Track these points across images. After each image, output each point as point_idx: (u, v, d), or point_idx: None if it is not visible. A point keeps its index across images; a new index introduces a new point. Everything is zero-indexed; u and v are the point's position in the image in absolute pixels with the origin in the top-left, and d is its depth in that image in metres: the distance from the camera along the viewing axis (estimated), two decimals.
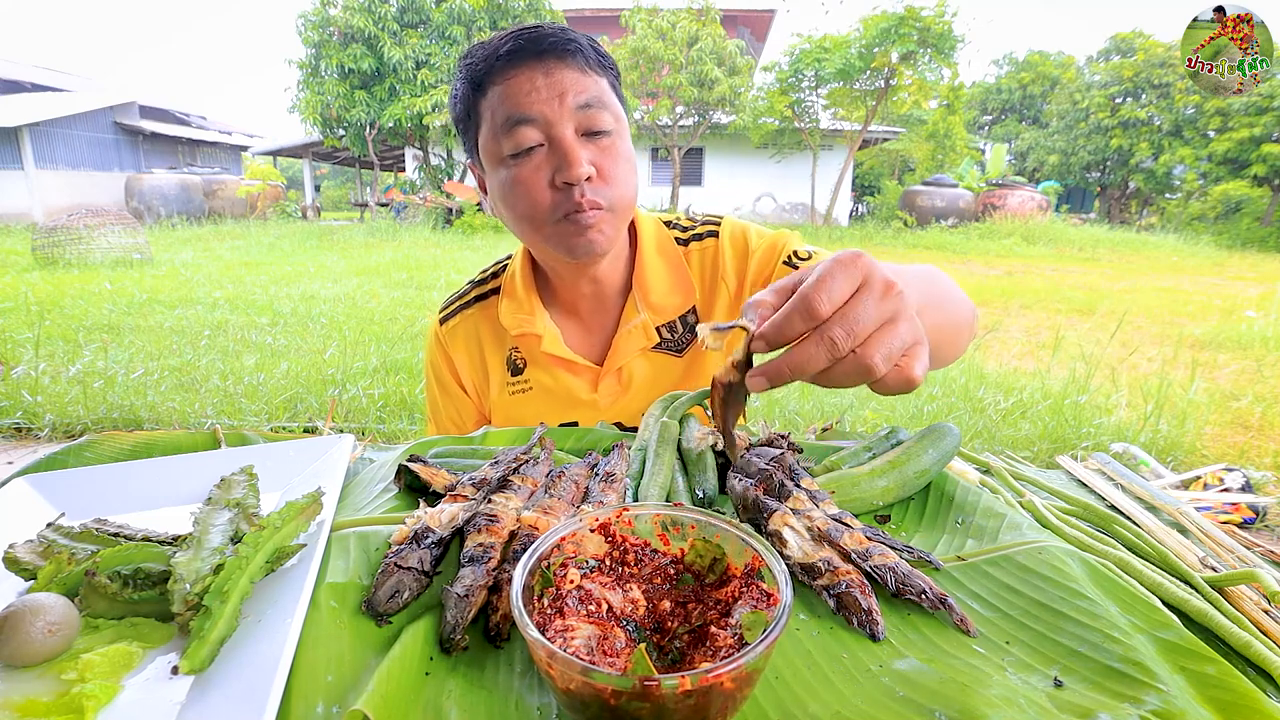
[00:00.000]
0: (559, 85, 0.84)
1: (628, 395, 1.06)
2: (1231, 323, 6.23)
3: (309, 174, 21.88)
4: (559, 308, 1.08)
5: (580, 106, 0.85)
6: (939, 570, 0.55)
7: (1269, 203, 17.87)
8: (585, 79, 0.86)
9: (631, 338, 1.04)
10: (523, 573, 0.41)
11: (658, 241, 1.08)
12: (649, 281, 1.05)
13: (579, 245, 0.89)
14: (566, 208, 0.86)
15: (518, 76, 0.84)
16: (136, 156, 19.64)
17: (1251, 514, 2.12)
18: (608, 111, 0.87)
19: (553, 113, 0.84)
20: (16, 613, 0.44)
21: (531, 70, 0.84)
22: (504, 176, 0.88)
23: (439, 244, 11.28)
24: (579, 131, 0.86)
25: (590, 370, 1.06)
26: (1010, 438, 3.25)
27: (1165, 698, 0.40)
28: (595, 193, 0.86)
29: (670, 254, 1.07)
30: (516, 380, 1.08)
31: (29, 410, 3.35)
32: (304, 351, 4.49)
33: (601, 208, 0.87)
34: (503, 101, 0.85)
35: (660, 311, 1.05)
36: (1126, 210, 24.20)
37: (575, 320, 1.08)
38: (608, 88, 0.90)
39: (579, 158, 0.84)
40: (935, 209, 16.27)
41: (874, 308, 0.45)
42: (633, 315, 1.04)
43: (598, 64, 0.89)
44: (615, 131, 0.89)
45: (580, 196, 0.85)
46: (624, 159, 0.90)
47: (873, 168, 21.61)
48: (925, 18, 13.95)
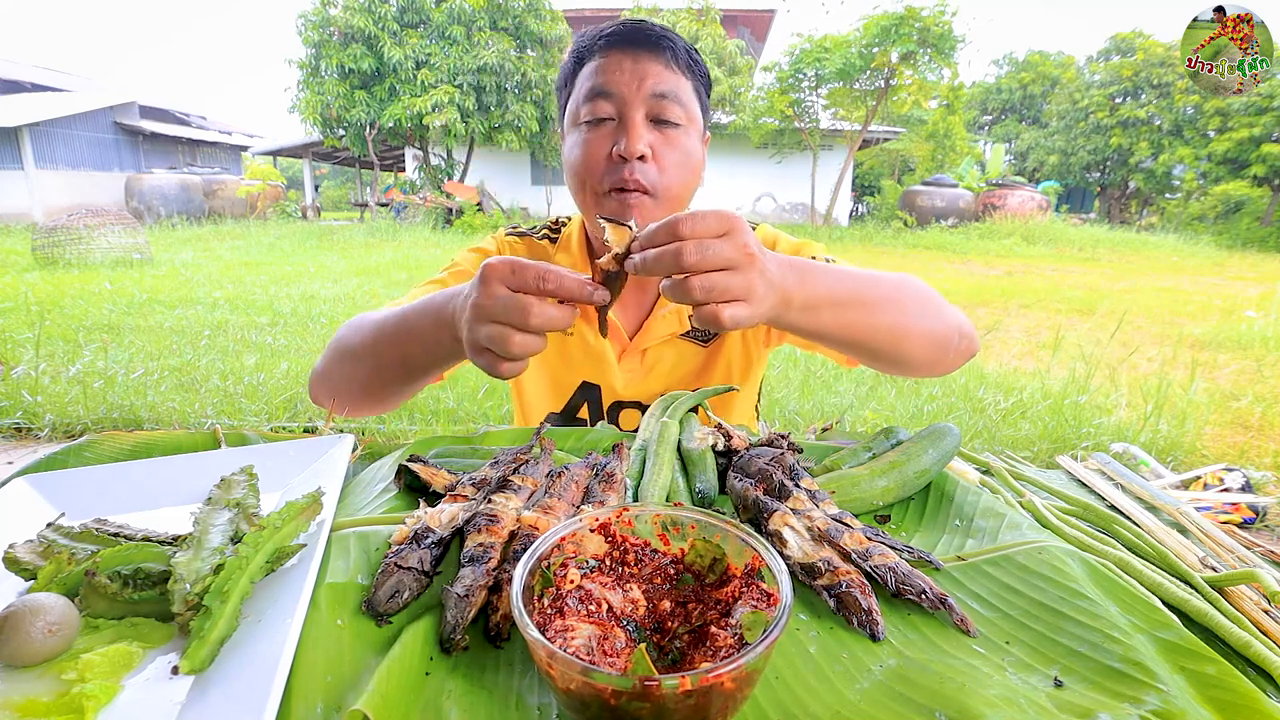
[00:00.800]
0: (642, 71, 0.92)
1: (648, 378, 1.09)
2: (1231, 323, 6.23)
3: (309, 174, 21.88)
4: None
5: (655, 94, 0.92)
6: (939, 570, 0.55)
7: (1269, 203, 17.87)
8: (667, 73, 0.93)
9: (665, 321, 1.08)
10: (523, 573, 0.41)
11: None
12: None
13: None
14: (614, 181, 0.91)
15: (610, 56, 0.93)
16: (136, 156, 19.63)
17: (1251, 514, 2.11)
18: (680, 107, 0.94)
19: (629, 93, 0.91)
20: (16, 613, 0.44)
21: (623, 54, 0.93)
22: (575, 139, 0.96)
23: (439, 244, 11.28)
24: (649, 116, 0.92)
25: (622, 341, 1.10)
26: (1010, 438, 3.25)
27: (1165, 698, 0.40)
28: (645, 174, 0.91)
29: None
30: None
31: (29, 410, 3.34)
32: (304, 351, 4.49)
33: (647, 192, 0.92)
34: (592, 75, 0.94)
35: None
36: (1126, 210, 24.20)
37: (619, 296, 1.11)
38: (689, 88, 0.96)
39: (639, 135, 0.90)
40: (935, 209, 16.27)
41: (724, 251, 0.56)
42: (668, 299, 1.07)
43: (686, 65, 0.96)
44: (683, 128, 0.95)
45: (629, 174, 0.90)
46: (683, 153, 0.95)
47: (873, 168, 21.60)
48: (925, 18, 13.95)
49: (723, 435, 0.74)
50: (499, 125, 15.14)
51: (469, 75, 14.44)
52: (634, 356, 1.09)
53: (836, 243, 13.57)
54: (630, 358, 1.09)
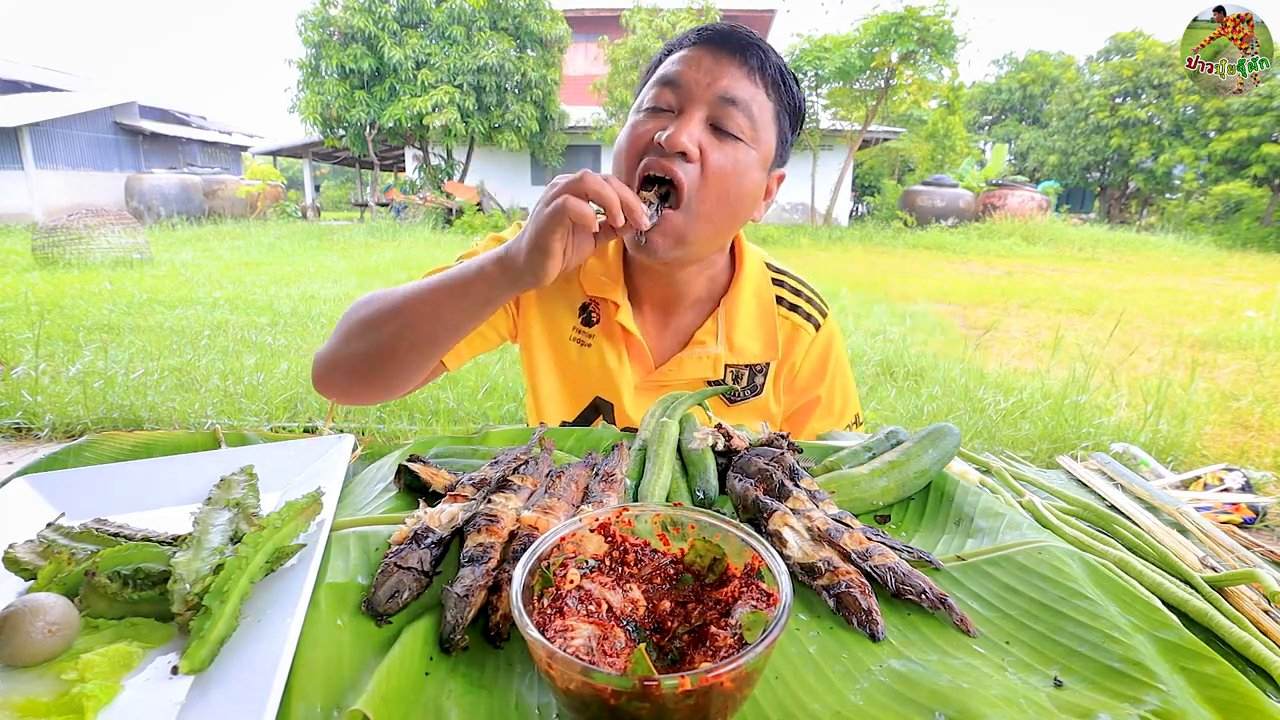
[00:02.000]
0: (717, 72, 0.84)
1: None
2: (1231, 323, 6.24)
3: (309, 174, 21.87)
4: (636, 295, 1.04)
5: (724, 97, 0.84)
6: (939, 570, 0.55)
7: (1269, 203, 17.87)
8: (745, 81, 0.85)
9: (699, 364, 1.01)
10: (523, 573, 0.41)
11: (757, 281, 1.05)
12: (738, 316, 1.02)
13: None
14: (647, 166, 0.84)
15: (694, 50, 0.87)
16: (136, 156, 19.62)
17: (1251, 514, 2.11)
18: (749, 120, 0.85)
19: (697, 89, 0.84)
20: (16, 613, 0.44)
21: (705, 52, 0.86)
22: (633, 120, 0.89)
23: (439, 244, 11.28)
24: (709, 119, 0.84)
25: (646, 364, 1.04)
26: (1010, 438, 3.25)
27: (1165, 698, 0.40)
28: (684, 170, 0.83)
29: (765, 300, 1.05)
30: (585, 331, 1.05)
31: (29, 410, 3.34)
32: (304, 351, 4.49)
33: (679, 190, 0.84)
34: (670, 64, 0.88)
35: (738, 352, 1.03)
36: (1126, 210, 24.20)
37: (647, 315, 1.05)
38: (768, 107, 0.87)
39: (686, 128, 0.81)
40: (935, 209, 16.28)
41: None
42: (709, 340, 1.02)
43: (769, 80, 0.87)
44: (745, 144, 0.85)
45: (666, 163, 0.83)
46: (737, 171, 0.85)
47: (873, 168, 21.59)
48: (925, 18, 13.95)
49: (723, 435, 0.74)
50: (499, 125, 15.15)
51: (469, 75, 14.45)
52: (654, 388, 1.03)
53: (836, 242, 13.59)
54: (650, 387, 1.03)
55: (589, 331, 1.05)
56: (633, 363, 1.04)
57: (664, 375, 1.03)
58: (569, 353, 1.05)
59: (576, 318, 1.05)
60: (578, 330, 1.05)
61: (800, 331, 1.06)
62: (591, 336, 1.04)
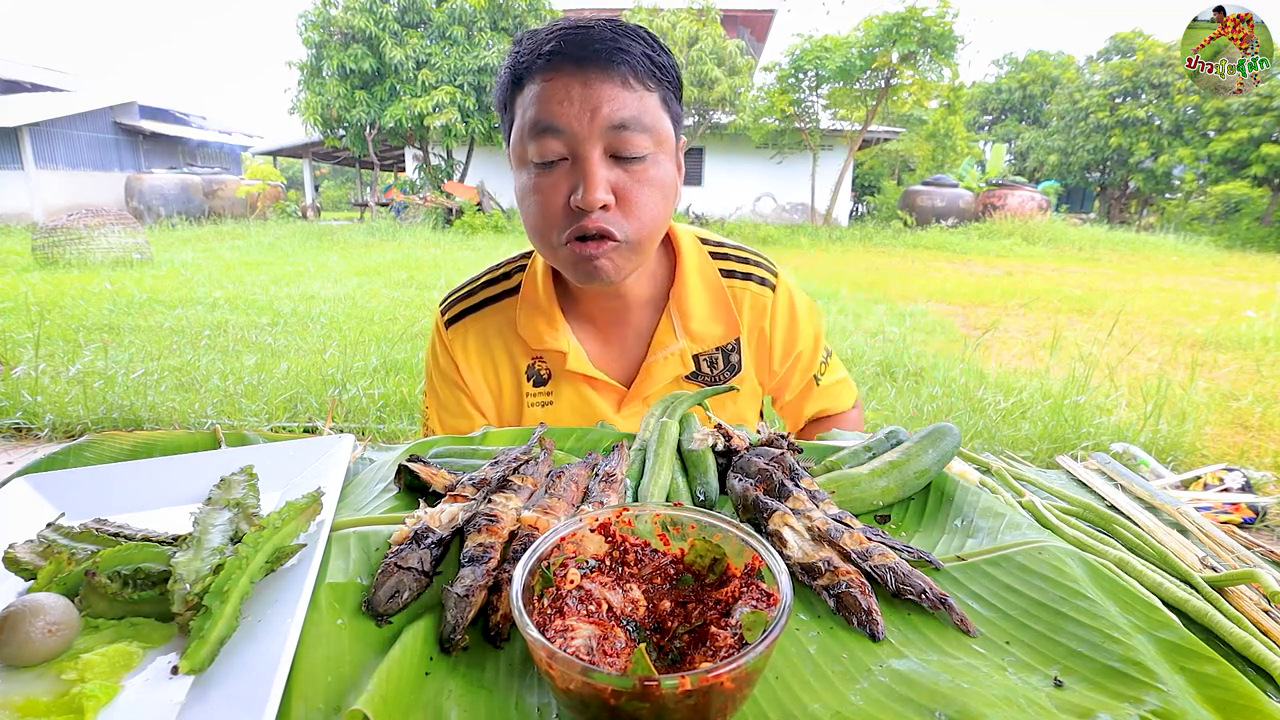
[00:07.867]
0: (594, 99, 0.77)
1: None
2: (1231, 323, 6.23)
3: (309, 174, 21.89)
4: (581, 319, 1.02)
5: (613, 126, 0.78)
6: (939, 570, 0.55)
7: (1269, 203, 17.87)
8: (626, 95, 0.79)
9: (666, 365, 0.99)
10: (523, 573, 0.41)
11: (699, 264, 1.02)
12: (689, 306, 0.99)
13: (583, 272, 0.85)
14: (577, 231, 0.81)
15: (555, 80, 0.78)
16: (136, 156, 19.63)
17: (1251, 514, 2.12)
18: (646, 134, 0.80)
19: (582, 128, 0.78)
20: (16, 613, 0.44)
21: (570, 77, 0.78)
22: (525, 181, 0.84)
23: (439, 244, 11.28)
24: (607, 152, 0.80)
25: (616, 390, 1.01)
26: (1010, 438, 3.25)
27: (1165, 698, 0.40)
28: (611, 222, 0.81)
29: (711, 280, 1.02)
30: (539, 391, 1.02)
31: (29, 410, 3.34)
32: (304, 351, 4.49)
33: (615, 239, 0.82)
34: (535, 103, 0.79)
35: (700, 340, 1.00)
36: (1126, 210, 24.19)
37: (599, 334, 1.02)
38: (655, 104, 0.82)
39: (597, 183, 0.78)
40: (935, 209, 16.28)
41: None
42: (668, 340, 0.99)
43: (649, 75, 0.81)
44: (651, 157, 0.82)
45: (591, 223, 0.80)
46: (654, 187, 0.83)
47: (873, 168, 21.60)
48: (926, 18, 13.95)
49: (723, 435, 0.74)
50: (499, 125, 15.14)
51: (469, 75, 14.46)
52: (635, 403, 1.01)
53: (836, 243, 13.58)
54: (632, 404, 1.01)
55: (545, 390, 1.02)
56: (602, 397, 1.01)
57: (637, 391, 1.00)
58: (537, 417, 1.02)
59: (527, 383, 1.02)
60: (532, 395, 1.03)
61: (759, 298, 1.04)
62: (550, 394, 1.02)
